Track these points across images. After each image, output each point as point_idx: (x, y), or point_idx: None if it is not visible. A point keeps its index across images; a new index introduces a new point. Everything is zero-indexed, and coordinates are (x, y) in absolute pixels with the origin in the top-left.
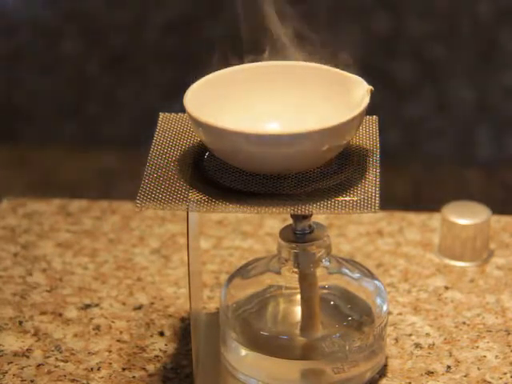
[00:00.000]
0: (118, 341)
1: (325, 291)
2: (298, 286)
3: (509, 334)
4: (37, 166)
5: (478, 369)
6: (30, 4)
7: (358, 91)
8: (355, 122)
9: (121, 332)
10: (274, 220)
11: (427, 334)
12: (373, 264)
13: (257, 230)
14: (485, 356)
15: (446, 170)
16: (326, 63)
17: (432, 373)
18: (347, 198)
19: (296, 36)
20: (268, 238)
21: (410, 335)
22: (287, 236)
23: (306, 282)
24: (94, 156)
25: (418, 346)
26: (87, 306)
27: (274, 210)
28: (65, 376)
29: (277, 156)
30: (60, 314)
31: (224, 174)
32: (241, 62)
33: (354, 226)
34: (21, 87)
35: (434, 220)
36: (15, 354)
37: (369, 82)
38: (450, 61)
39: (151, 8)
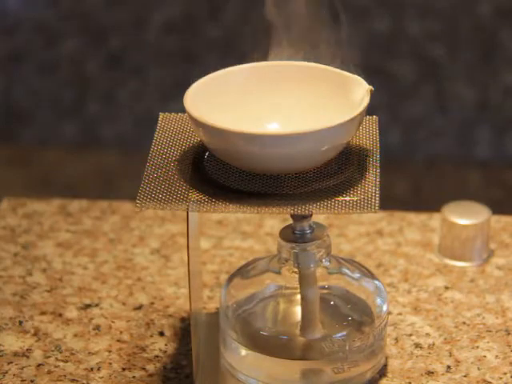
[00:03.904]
0: (118, 341)
1: (325, 291)
2: (297, 285)
3: (509, 333)
4: (37, 166)
5: (478, 369)
6: (30, 4)
7: (358, 91)
8: (355, 121)
9: (121, 332)
10: (274, 220)
11: (427, 334)
12: (373, 264)
13: (257, 230)
14: (485, 356)
15: (446, 170)
16: (326, 63)
17: (432, 373)
18: (347, 198)
19: (296, 36)
20: (268, 237)
21: (410, 335)
22: (287, 236)
23: (306, 282)
24: (94, 156)
25: (418, 346)
26: (87, 306)
27: (274, 209)
28: (65, 376)
29: (277, 156)
30: (60, 314)
31: (224, 173)
32: (241, 62)
33: (354, 226)
34: (21, 87)
35: (434, 220)
36: (15, 354)
37: (369, 82)
38: (450, 61)
39: (151, 8)
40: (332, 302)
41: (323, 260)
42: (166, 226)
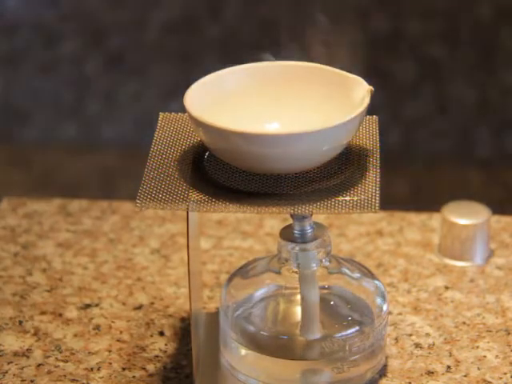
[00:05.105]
0: (118, 341)
1: (325, 291)
2: (298, 285)
3: (509, 333)
4: (37, 166)
5: (478, 369)
6: (30, 4)
7: (358, 91)
8: (355, 122)
9: (121, 332)
10: (274, 220)
11: (427, 334)
12: (373, 264)
13: (257, 229)
14: (485, 356)
15: (446, 170)
16: (326, 63)
17: (432, 373)
18: (347, 198)
19: (296, 36)
20: (268, 237)
21: (410, 335)
22: (287, 236)
23: (306, 281)
24: (94, 156)
25: (418, 346)
26: (87, 306)
27: (274, 209)
28: (65, 376)
29: (277, 156)
30: (60, 314)
31: (224, 173)
32: (241, 62)
33: (354, 226)
34: (20, 87)
35: (434, 220)
36: (15, 354)
37: (369, 82)
38: (450, 61)
39: (151, 8)
40: (332, 302)
41: (323, 260)
42: (165, 225)
